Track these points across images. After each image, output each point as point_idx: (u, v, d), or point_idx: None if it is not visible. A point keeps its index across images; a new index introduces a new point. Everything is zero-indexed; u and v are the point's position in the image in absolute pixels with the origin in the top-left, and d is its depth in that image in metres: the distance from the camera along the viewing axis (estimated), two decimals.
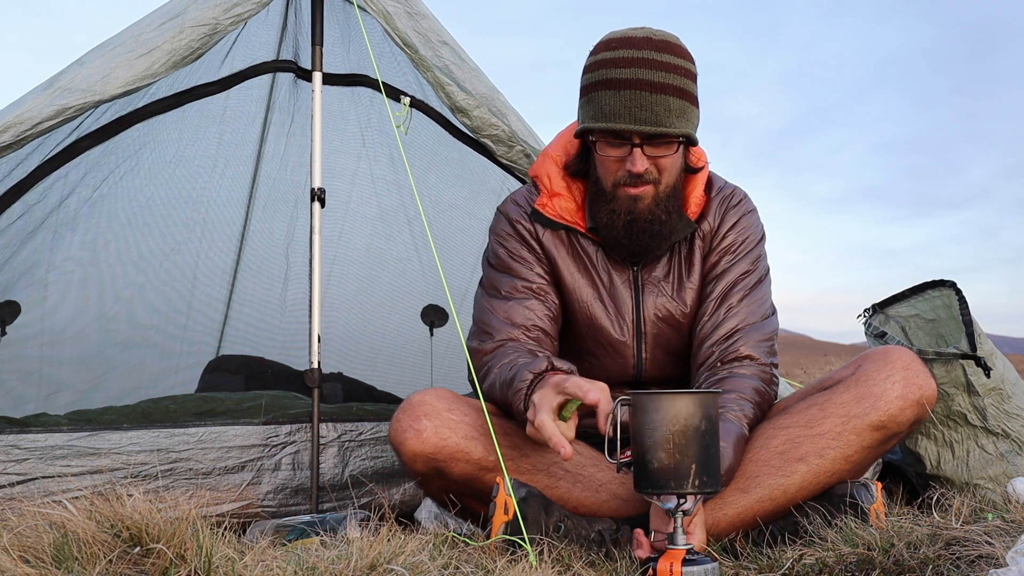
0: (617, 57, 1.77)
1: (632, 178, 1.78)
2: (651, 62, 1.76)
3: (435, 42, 2.38)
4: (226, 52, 2.58)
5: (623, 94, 1.75)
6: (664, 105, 1.75)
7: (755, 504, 1.70)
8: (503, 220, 1.99)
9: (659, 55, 1.77)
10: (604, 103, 1.76)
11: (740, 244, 1.94)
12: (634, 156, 1.76)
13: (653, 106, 1.74)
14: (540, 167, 1.99)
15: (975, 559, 1.34)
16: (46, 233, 2.77)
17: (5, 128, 2.00)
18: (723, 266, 1.92)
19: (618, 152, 1.79)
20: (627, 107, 1.74)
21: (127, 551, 1.22)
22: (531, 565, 1.40)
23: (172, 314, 3.47)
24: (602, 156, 1.81)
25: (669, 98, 1.75)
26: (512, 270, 1.93)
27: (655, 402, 1.37)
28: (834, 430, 1.71)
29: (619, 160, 1.79)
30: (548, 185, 1.95)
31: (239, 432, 2.20)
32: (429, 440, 1.66)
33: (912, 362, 1.74)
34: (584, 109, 1.83)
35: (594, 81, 1.79)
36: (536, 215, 1.94)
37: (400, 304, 3.63)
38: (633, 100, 1.74)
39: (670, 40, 1.79)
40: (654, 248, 1.88)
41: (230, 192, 3.35)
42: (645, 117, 1.74)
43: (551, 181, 1.95)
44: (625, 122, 1.74)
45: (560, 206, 1.93)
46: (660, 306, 1.92)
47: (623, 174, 1.79)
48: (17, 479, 2.01)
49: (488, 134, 2.40)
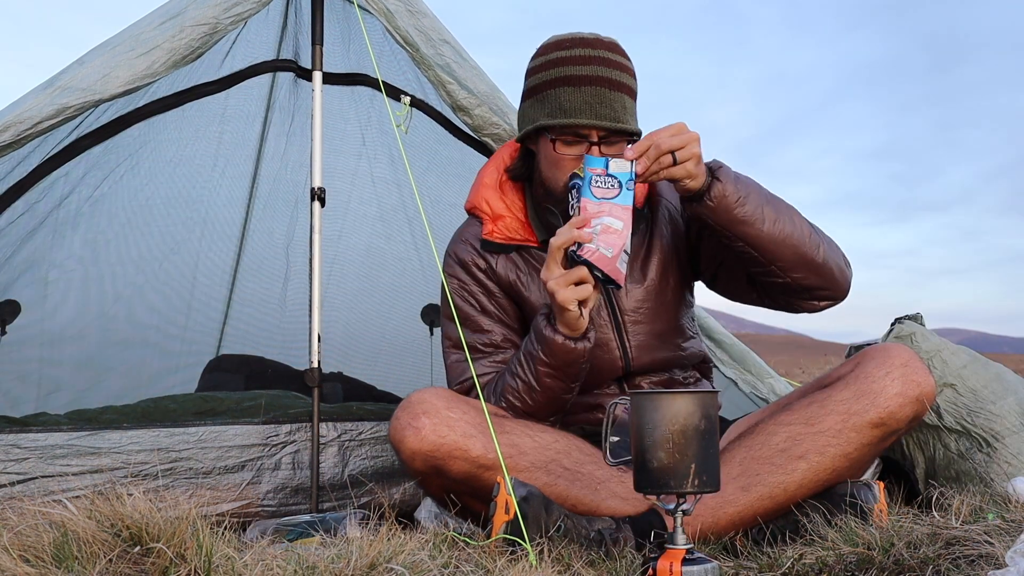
0: (573, 55, 1.80)
1: None
2: (607, 61, 1.80)
3: (436, 40, 2.38)
4: (226, 51, 2.58)
5: (584, 90, 1.77)
6: (621, 103, 1.79)
7: (756, 502, 1.70)
8: (456, 266, 1.99)
9: (612, 55, 1.81)
10: (563, 98, 1.78)
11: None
12: (592, 153, 1.78)
13: (612, 103, 1.78)
14: (476, 197, 2.00)
15: (975, 559, 1.34)
16: (46, 232, 2.77)
17: (5, 127, 2.00)
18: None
19: (574, 150, 1.81)
20: (589, 103, 1.77)
21: (127, 550, 1.22)
22: (531, 564, 1.40)
23: (172, 313, 3.47)
24: (558, 155, 1.82)
25: (624, 97, 1.80)
26: (471, 322, 1.95)
27: (654, 402, 1.37)
28: (834, 427, 1.71)
29: (574, 159, 1.80)
30: (488, 210, 1.96)
31: (239, 432, 2.20)
32: (428, 438, 1.66)
33: (911, 359, 1.74)
34: (535, 108, 1.84)
35: (549, 79, 1.81)
36: (487, 244, 1.95)
37: (400, 304, 3.63)
38: (594, 96, 1.77)
39: (617, 43, 1.84)
40: None
41: (230, 191, 3.35)
42: (606, 113, 1.77)
43: (491, 205, 1.96)
44: (588, 118, 1.77)
45: (507, 227, 1.95)
46: (629, 290, 1.93)
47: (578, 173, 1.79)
48: (17, 478, 2.01)
49: (489, 133, 2.40)
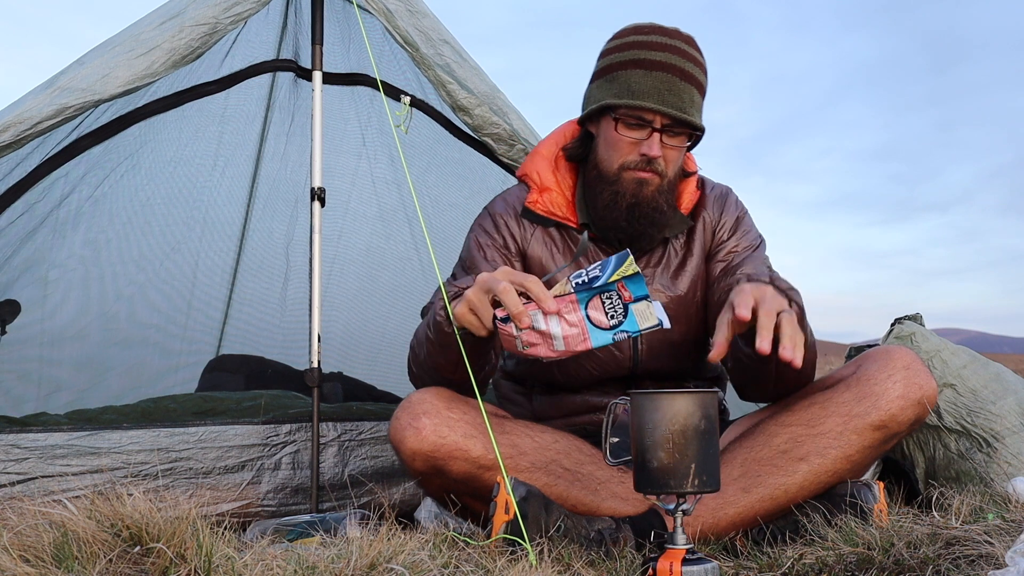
0: (650, 41, 1.81)
1: (644, 163, 1.80)
2: (682, 51, 1.80)
3: (436, 40, 2.38)
4: (226, 51, 2.58)
5: (655, 75, 1.78)
6: (689, 95, 1.80)
7: (756, 503, 1.70)
8: (487, 216, 2.01)
9: (688, 48, 1.82)
10: (633, 80, 1.78)
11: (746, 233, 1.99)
12: (652, 140, 1.79)
13: (681, 93, 1.78)
14: (529, 165, 2.00)
15: (975, 559, 1.34)
16: (46, 232, 2.77)
17: (5, 128, 2.00)
18: (736, 251, 1.96)
19: (636, 135, 1.80)
20: (657, 88, 1.77)
21: (127, 550, 1.22)
22: (531, 564, 1.40)
23: (172, 313, 3.47)
24: (618, 136, 1.82)
25: (693, 90, 1.81)
26: (476, 268, 1.91)
27: (654, 402, 1.37)
28: (835, 429, 1.70)
29: (634, 143, 1.81)
30: (538, 181, 1.96)
31: (239, 431, 2.20)
32: (428, 438, 1.66)
33: (913, 362, 1.74)
34: (604, 88, 1.84)
35: (622, 60, 1.81)
36: (527, 213, 1.95)
37: (400, 304, 3.63)
38: (664, 82, 1.77)
39: (694, 39, 1.85)
40: (650, 236, 1.90)
41: (230, 191, 3.35)
42: (674, 102, 1.77)
43: (541, 177, 1.96)
44: (654, 102, 1.77)
45: (550, 201, 1.94)
46: (656, 296, 1.92)
47: (634, 158, 1.81)
48: (17, 478, 2.01)
49: (489, 133, 2.40)
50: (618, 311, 1.47)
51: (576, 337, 1.49)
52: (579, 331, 1.48)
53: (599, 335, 1.47)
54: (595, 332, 1.48)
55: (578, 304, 1.48)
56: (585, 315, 1.47)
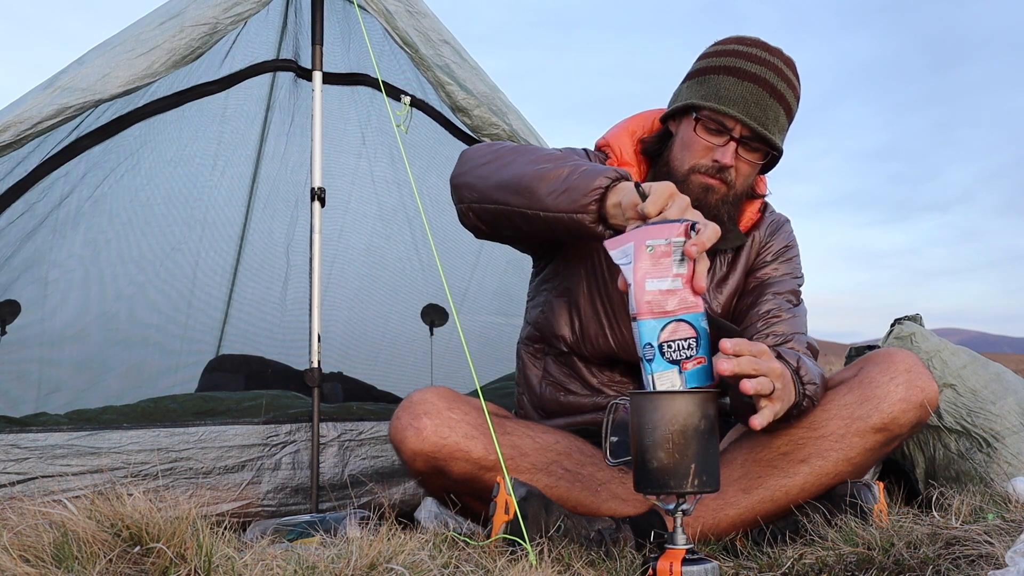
0: (749, 52, 1.80)
1: (716, 169, 1.79)
2: (779, 70, 1.80)
3: (436, 41, 2.38)
4: (226, 51, 2.58)
5: (745, 85, 1.77)
6: (775, 113, 1.79)
7: (757, 505, 1.70)
8: (582, 152, 1.92)
9: (786, 69, 1.81)
10: (723, 86, 1.78)
11: (789, 261, 1.96)
12: (728, 148, 1.78)
13: (767, 109, 1.77)
14: (613, 137, 1.97)
15: (975, 559, 1.34)
16: (46, 232, 2.77)
17: (5, 127, 2.00)
18: (772, 275, 1.93)
19: (713, 139, 1.79)
20: (744, 98, 1.76)
21: (127, 550, 1.22)
22: (531, 564, 1.40)
23: (172, 313, 3.47)
24: (696, 137, 1.80)
25: (780, 110, 1.80)
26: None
27: (654, 402, 1.36)
28: (837, 432, 1.70)
29: (708, 147, 1.79)
30: (619, 154, 1.94)
31: (239, 431, 2.20)
32: (429, 439, 1.66)
33: (915, 364, 1.74)
34: (693, 88, 1.83)
35: (717, 65, 1.81)
36: None
37: (400, 304, 3.63)
38: (752, 94, 1.77)
39: (794, 62, 1.83)
40: None
41: (230, 191, 3.35)
42: (757, 115, 1.76)
43: (623, 151, 1.94)
44: (739, 110, 1.76)
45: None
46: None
47: (706, 163, 1.80)
48: (17, 478, 2.01)
49: (489, 133, 2.40)
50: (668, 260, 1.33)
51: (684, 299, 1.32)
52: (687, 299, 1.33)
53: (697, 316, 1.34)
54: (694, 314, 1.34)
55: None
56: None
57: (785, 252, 1.98)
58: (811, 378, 1.65)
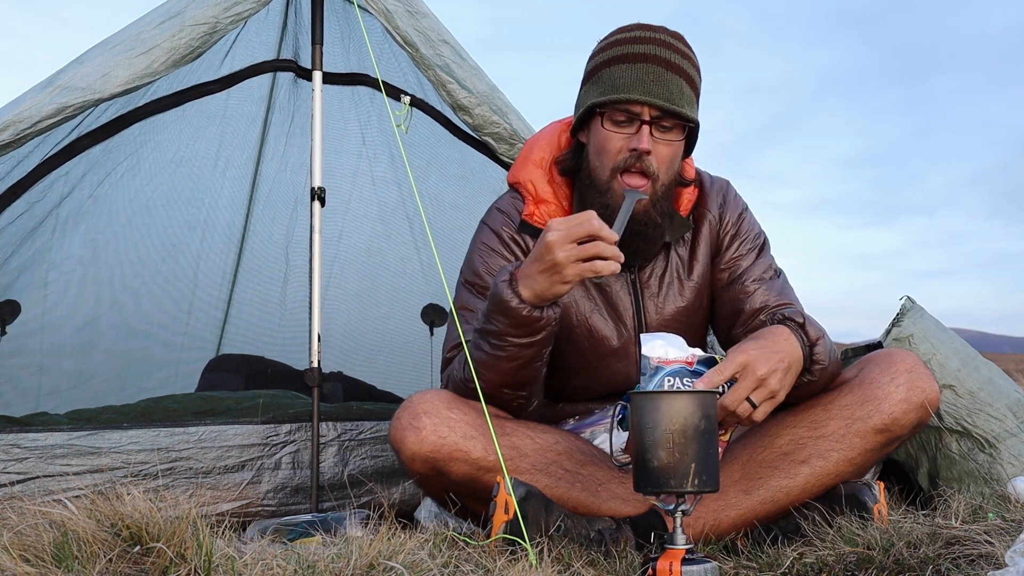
0: (633, 36, 1.76)
1: (636, 158, 1.72)
2: (668, 44, 1.75)
3: (435, 41, 2.38)
4: (226, 51, 2.58)
5: (638, 67, 1.72)
6: (678, 86, 1.73)
7: (758, 505, 1.69)
8: (487, 232, 1.90)
9: (674, 41, 1.76)
10: (617, 75, 1.73)
11: (749, 234, 1.93)
12: (642, 133, 1.71)
13: (668, 84, 1.71)
14: (521, 173, 1.91)
15: (975, 558, 1.34)
16: (46, 232, 2.77)
17: (5, 126, 2.00)
18: (741, 263, 1.90)
19: (624, 130, 1.74)
20: (642, 80, 1.71)
21: (127, 550, 1.22)
22: (531, 564, 1.40)
23: (172, 313, 3.48)
24: (607, 133, 1.74)
25: (682, 81, 1.74)
26: (485, 291, 1.82)
27: (654, 401, 1.37)
28: (837, 432, 1.70)
29: (623, 139, 1.73)
30: (533, 191, 1.88)
31: (239, 431, 2.20)
32: (428, 439, 1.65)
33: (915, 365, 1.73)
34: (591, 90, 1.78)
35: (606, 59, 1.76)
36: (524, 226, 1.87)
37: (400, 304, 3.63)
38: (649, 73, 1.71)
39: (682, 35, 1.79)
40: (645, 252, 1.85)
41: (230, 192, 3.35)
42: (660, 92, 1.70)
43: (536, 187, 1.88)
44: (639, 93, 1.70)
45: (548, 213, 1.86)
46: (662, 306, 1.89)
47: (624, 156, 1.73)
48: (17, 478, 2.01)
49: (489, 132, 2.40)
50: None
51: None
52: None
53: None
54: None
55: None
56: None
57: (741, 221, 1.93)
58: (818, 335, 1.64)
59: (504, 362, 1.66)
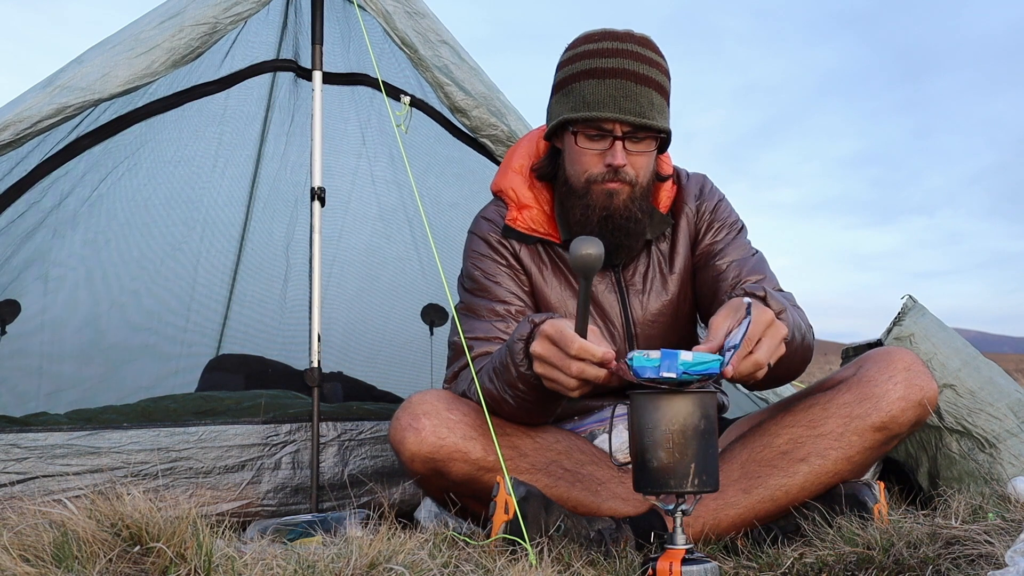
0: (601, 48, 1.76)
1: (611, 173, 1.76)
2: (635, 54, 1.76)
3: (434, 42, 2.38)
4: (226, 51, 2.58)
5: (608, 83, 1.73)
6: (647, 98, 1.74)
7: (757, 504, 1.70)
8: (476, 240, 1.95)
9: (642, 50, 1.77)
10: (587, 91, 1.74)
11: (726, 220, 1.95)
12: (615, 149, 1.74)
13: (638, 98, 1.73)
14: (503, 181, 1.95)
15: (975, 558, 1.34)
16: (46, 232, 2.78)
17: (4, 126, 2.00)
18: (714, 246, 1.91)
19: (598, 146, 1.77)
20: (612, 96, 1.72)
21: (127, 550, 1.22)
22: (531, 564, 1.40)
23: (172, 313, 3.48)
24: (580, 149, 1.77)
25: (652, 92, 1.75)
26: (489, 292, 1.88)
27: (654, 401, 1.37)
28: (836, 431, 1.70)
29: (598, 155, 1.77)
30: (515, 198, 1.92)
31: (239, 431, 2.20)
32: (427, 439, 1.65)
33: (914, 363, 1.73)
34: (562, 102, 1.80)
35: (575, 72, 1.77)
36: (508, 231, 1.91)
37: (400, 304, 3.63)
38: (619, 89, 1.72)
39: (649, 39, 1.80)
40: (628, 247, 1.87)
41: (230, 192, 3.35)
42: (631, 107, 1.72)
43: (517, 193, 1.92)
44: (611, 111, 1.72)
45: (531, 218, 1.90)
46: (647, 304, 1.91)
47: (600, 171, 1.77)
48: (17, 478, 2.01)
49: (487, 134, 2.40)
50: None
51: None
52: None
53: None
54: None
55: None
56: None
57: (718, 209, 1.95)
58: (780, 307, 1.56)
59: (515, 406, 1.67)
